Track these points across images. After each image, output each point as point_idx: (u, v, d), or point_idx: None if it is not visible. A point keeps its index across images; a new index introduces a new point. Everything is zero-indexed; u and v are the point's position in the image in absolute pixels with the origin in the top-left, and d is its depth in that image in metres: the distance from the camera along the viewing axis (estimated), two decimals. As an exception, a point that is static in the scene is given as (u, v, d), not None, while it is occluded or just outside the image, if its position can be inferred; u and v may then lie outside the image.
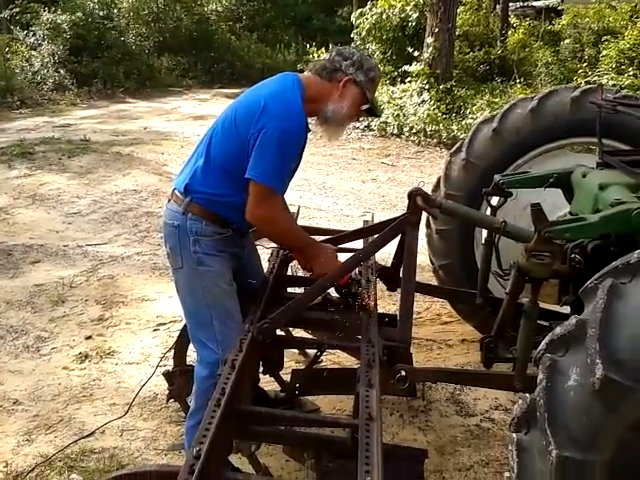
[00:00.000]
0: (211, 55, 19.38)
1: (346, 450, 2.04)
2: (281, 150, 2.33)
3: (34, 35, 16.11)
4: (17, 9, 16.72)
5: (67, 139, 9.87)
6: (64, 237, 5.93)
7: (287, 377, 3.06)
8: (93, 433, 3.05)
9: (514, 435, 1.63)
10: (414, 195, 2.49)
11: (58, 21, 16.04)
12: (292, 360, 3.60)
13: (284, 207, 2.64)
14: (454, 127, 9.88)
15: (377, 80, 2.59)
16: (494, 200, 3.04)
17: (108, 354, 3.83)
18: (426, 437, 3.10)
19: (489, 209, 3.06)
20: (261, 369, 3.06)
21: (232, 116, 2.44)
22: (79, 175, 8.00)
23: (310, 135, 2.55)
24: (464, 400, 3.40)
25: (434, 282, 3.99)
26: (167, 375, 2.93)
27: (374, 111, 2.66)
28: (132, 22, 18.77)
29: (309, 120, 2.51)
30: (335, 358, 3.72)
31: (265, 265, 3.03)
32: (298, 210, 3.73)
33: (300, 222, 6.10)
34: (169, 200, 2.56)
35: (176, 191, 2.53)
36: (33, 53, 15.77)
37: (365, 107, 2.56)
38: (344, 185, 7.74)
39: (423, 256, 4.10)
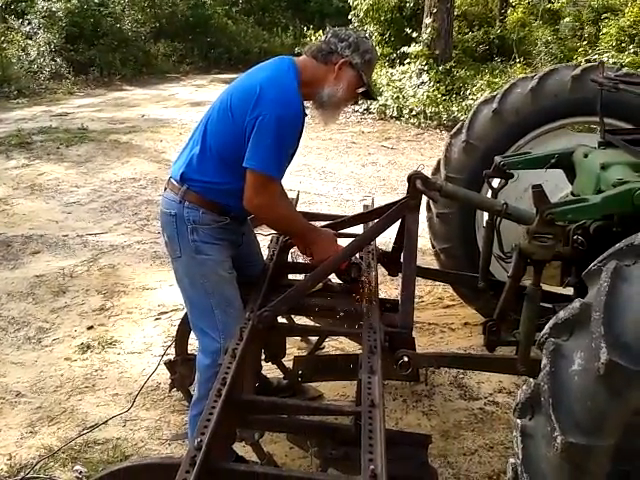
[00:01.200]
0: (208, 40, 19.20)
1: (350, 437, 2.03)
2: (278, 137, 2.29)
3: (29, 24, 15.96)
4: (11, -3, 16.62)
5: (65, 128, 9.81)
6: (64, 227, 5.90)
7: (289, 364, 3.06)
8: (96, 426, 3.03)
9: (518, 421, 1.61)
10: (413, 178, 2.45)
11: (53, 9, 15.88)
12: (294, 347, 3.59)
13: (282, 194, 2.61)
14: (454, 108, 9.81)
15: (374, 62, 2.55)
16: (495, 182, 3.01)
17: (110, 344, 3.82)
18: (430, 422, 3.09)
19: (490, 191, 3.02)
20: (263, 356, 3.06)
21: (227, 103, 2.40)
22: (77, 164, 7.95)
23: (309, 119, 2.52)
24: (468, 384, 3.39)
25: (436, 266, 3.98)
26: (169, 364, 2.92)
27: (371, 94, 2.61)
28: (127, 8, 18.55)
29: (306, 104, 2.48)
30: (338, 344, 3.71)
31: (265, 252, 3.01)
32: (297, 196, 3.70)
33: (300, 208, 6.07)
34: (165, 189, 2.53)
35: (172, 179, 2.49)
36: (29, 42, 15.62)
37: (361, 90, 2.52)
38: (344, 169, 7.70)
39: (424, 239, 4.08)
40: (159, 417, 3.14)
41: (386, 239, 3.24)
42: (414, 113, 10.12)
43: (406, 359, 2.25)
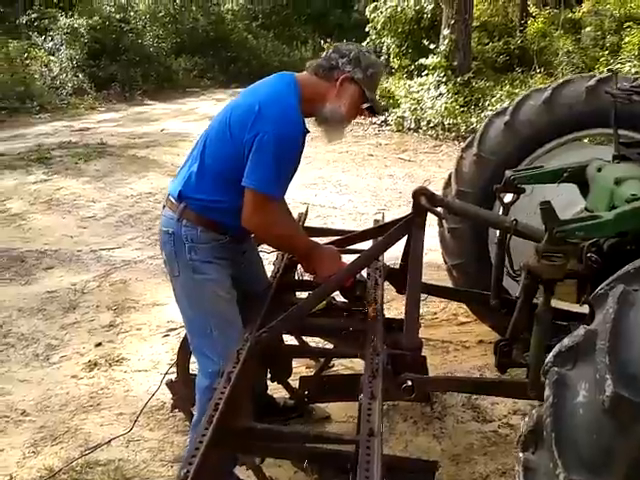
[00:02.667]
0: (228, 55, 19.37)
1: (350, 464, 1.94)
2: (278, 156, 2.24)
3: (52, 40, 16.25)
4: (35, 15, 16.91)
5: (84, 143, 9.91)
6: (78, 242, 5.91)
7: (296, 383, 2.99)
8: (98, 447, 2.98)
9: (521, 454, 1.51)
10: (418, 195, 2.38)
11: (75, 25, 16.16)
12: (303, 365, 3.51)
13: (283, 213, 2.54)
14: (473, 120, 9.71)
15: (378, 77, 2.48)
16: (507, 197, 2.92)
17: (117, 361, 3.78)
18: (441, 445, 2.98)
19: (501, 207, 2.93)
20: (268, 376, 2.99)
21: (226, 120, 2.35)
22: (95, 179, 8.00)
23: (316, 133, 2.47)
24: (481, 405, 3.27)
25: (449, 281, 3.89)
26: (170, 385, 2.86)
27: (376, 110, 2.54)
28: (149, 24, 18.84)
29: (308, 120, 2.42)
30: (348, 363, 3.60)
31: (271, 269, 2.95)
32: (306, 210, 3.64)
33: (314, 221, 6.07)
34: (164, 206, 2.49)
35: (170, 197, 2.45)
36: (52, 58, 15.89)
37: (365, 106, 2.46)
38: (360, 182, 7.63)
39: (438, 253, 3.98)
40: (163, 437, 3.07)
41: (399, 253, 3.16)
42: (432, 125, 10.05)
43: (410, 383, 2.16)
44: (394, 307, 4.16)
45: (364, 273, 2.70)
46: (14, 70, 14.43)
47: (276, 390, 3.20)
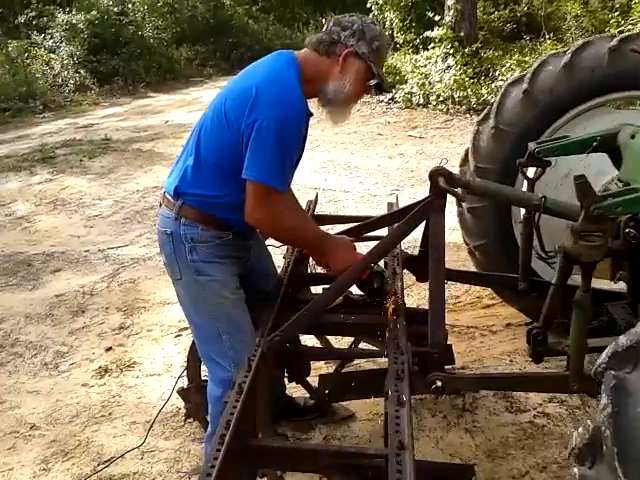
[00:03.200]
0: (229, 41, 19.07)
1: (380, 475, 1.76)
2: (280, 143, 2.03)
3: (52, 38, 16.07)
4: (33, 13, 16.72)
5: (88, 140, 9.75)
6: (85, 242, 5.76)
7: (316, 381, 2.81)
8: (112, 461, 2.83)
9: (576, 469, 1.32)
10: (436, 176, 2.16)
11: (74, 21, 15.95)
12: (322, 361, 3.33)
13: (289, 204, 2.33)
14: (483, 91, 9.41)
15: (384, 50, 2.26)
16: (530, 172, 2.70)
17: (129, 366, 3.63)
18: (474, 440, 2.79)
19: (525, 182, 2.71)
20: (286, 376, 2.81)
21: (221, 108, 2.15)
22: (100, 176, 7.84)
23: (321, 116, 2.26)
24: (514, 394, 3.08)
25: (471, 262, 3.69)
26: (182, 392, 2.70)
27: (382, 86, 2.31)
28: (148, 15, 18.55)
29: (310, 101, 2.22)
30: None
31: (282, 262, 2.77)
32: (316, 197, 3.45)
33: (325, 206, 5.87)
34: (160, 204, 2.30)
35: (167, 194, 2.26)
36: (52, 56, 15.70)
37: (373, 82, 2.24)
38: (370, 163, 7.39)
39: (458, 233, 3.76)
40: (179, 447, 2.92)
41: (417, 237, 2.95)
42: (441, 99, 9.76)
43: (439, 384, 1.97)
44: (415, 292, 3.98)
45: (381, 263, 2.49)
46: (15, 70, 14.28)
47: (295, 390, 3.04)
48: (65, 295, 4.64)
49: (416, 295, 4.00)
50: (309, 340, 3.14)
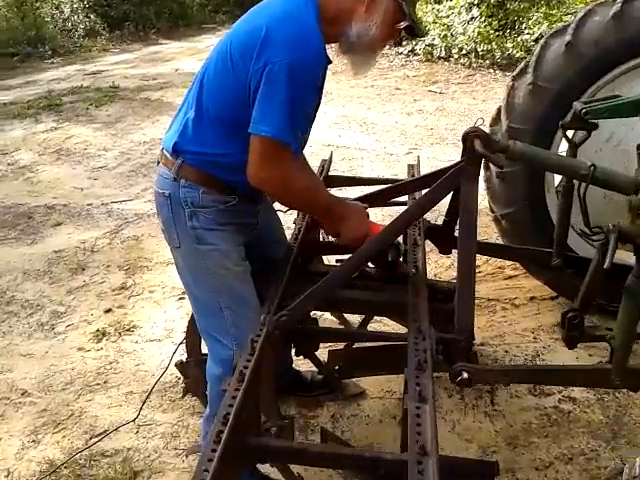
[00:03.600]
0: (244, -14, 18.42)
1: (397, 471, 1.55)
2: (293, 91, 1.75)
3: (62, -20, 15.52)
4: (42, -47, 16.12)
5: (96, 87, 9.43)
6: (88, 195, 5.53)
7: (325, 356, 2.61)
8: (105, 435, 2.65)
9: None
10: (471, 138, 1.89)
11: (84, -37, 15.37)
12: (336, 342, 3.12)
13: (298, 164, 2.07)
14: (509, 45, 8.94)
15: None
16: (573, 134, 2.41)
17: (128, 330, 3.43)
18: (494, 425, 2.59)
19: (566, 146, 2.43)
20: (293, 350, 2.59)
21: (226, 51, 1.87)
22: (106, 125, 7.56)
23: (337, 65, 1.98)
24: (537, 375, 2.86)
25: (492, 231, 3.44)
26: (180, 366, 2.50)
27: (415, 30, 2.00)
28: (160, -42, 17.88)
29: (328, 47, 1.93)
30: (383, 327, 3.21)
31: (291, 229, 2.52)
32: (330, 157, 3.18)
33: (338, 165, 5.57)
34: (158, 162, 2.05)
35: (165, 152, 2.01)
36: (62, -1, 15.21)
37: (403, 25, 1.93)
38: (387, 119, 7.05)
39: (481, 197, 3.49)
40: (177, 420, 2.73)
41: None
42: (464, 52, 9.30)
43: (466, 376, 1.74)
44: (432, 260, 3.73)
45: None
46: (24, 14, 13.85)
47: (303, 364, 2.84)
48: (65, 251, 4.43)
49: (433, 263, 3.76)
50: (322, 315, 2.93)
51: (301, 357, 2.67)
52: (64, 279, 4.07)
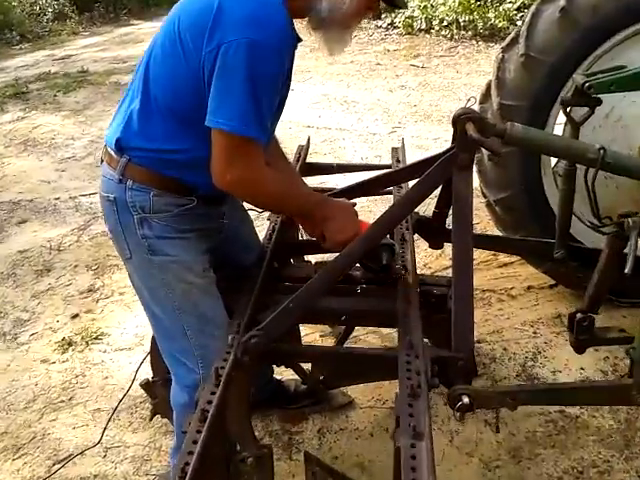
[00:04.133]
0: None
1: None
2: (253, 75, 1.49)
3: (26, -39, 14.92)
4: None
5: (64, 73, 9.03)
6: (56, 188, 5.22)
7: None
8: (68, 460, 2.41)
9: None
10: (462, 121, 1.63)
11: (49, -58, 14.77)
12: (315, 332, 2.89)
13: (272, 159, 1.81)
14: (491, 15, 8.62)
15: None
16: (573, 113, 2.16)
17: (96, 338, 3.17)
18: (496, 435, 2.36)
19: (566, 125, 2.18)
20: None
21: (174, 31, 1.59)
22: (75, 113, 7.20)
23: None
24: (540, 374, 2.65)
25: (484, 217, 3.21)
26: (146, 386, 2.24)
27: (395, 1, 1.73)
28: None
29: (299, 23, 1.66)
30: (372, 335, 2.95)
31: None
32: (307, 143, 2.92)
33: (319, 146, 5.29)
34: (102, 161, 1.77)
35: (108, 148, 1.73)
36: (28, -18, 14.62)
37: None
38: (369, 97, 6.75)
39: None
40: (148, 442, 2.49)
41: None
42: (445, 24, 8.97)
43: (467, 400, 1.50)
44: (421, 248, 3.48)
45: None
46: (-11, -2, 13.31)
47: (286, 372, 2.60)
48: (30, 251, 4.15)
49: (422, 252, 3.51)
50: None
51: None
52: (28, 282, 3.79)
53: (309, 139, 2.99)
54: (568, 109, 2.13)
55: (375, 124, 5.91)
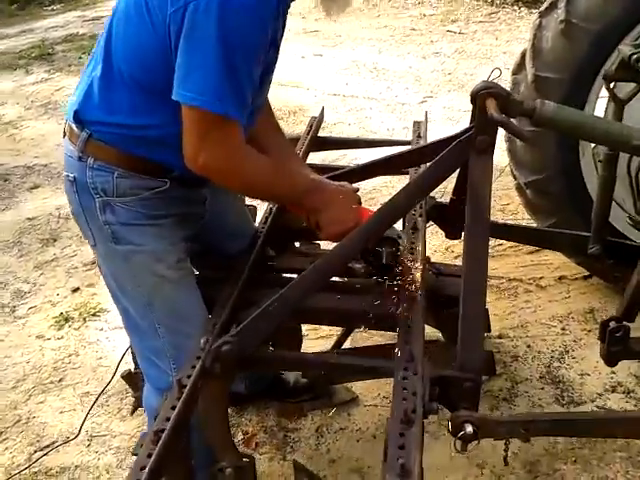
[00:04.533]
0: None
1: None
2: (228, 42, 1.25)
3: None
4: None
5: (91, 34, 8.84)
6: (72, 153, 5.07)
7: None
8: (51, 448, 2.27)
9: None
10: (482, 97, 1.37)
11: None
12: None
13: (263, 131, 1.58)
14: (536, -22, 8.11)
15: None
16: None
17: (94, 314, 3.02)
18: (510, 445, 2.13)
19: (607, 102, 1.90)
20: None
21: None
22: (98, 75, 7.03)
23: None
24: (566, 377, 2.40)
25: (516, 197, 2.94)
26: (128, 378, 2.07)
27: None
28: None
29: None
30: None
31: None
32: (321, 114, 2.67)
33: (344, 116, 5.02)
34: (64, 134, 1.56)
35: (68, 122, 1.51)
36: (61, -63, 14.41)
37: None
38: (400, 64, 6.39)
39: (498, 155, 2.95)
40: (136, 431, 2.33)
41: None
42: (487, -12, 8.49)
43: (471, 429, 1.27)
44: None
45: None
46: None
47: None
48: (38, 219, 4.02)
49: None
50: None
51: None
52: (33, 251, 3.67)
53: (323, 110, 2.73)
54: (612, 85, 1.85)
55: (405, 93, 5.58)
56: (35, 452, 2.29)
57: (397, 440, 1.20)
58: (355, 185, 1.71)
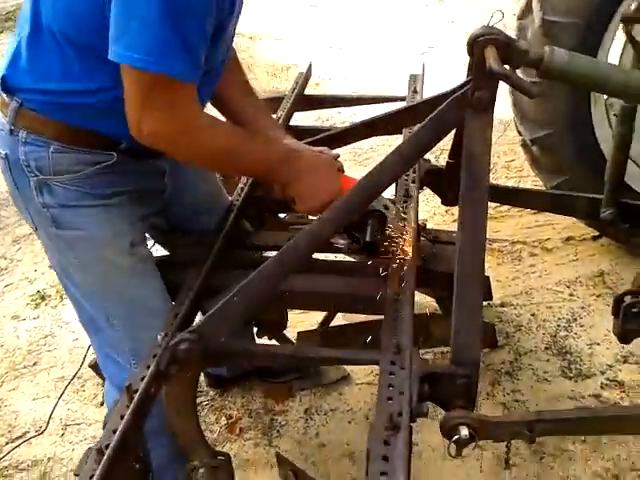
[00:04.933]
0: None
1: None
2: None
3: None
4: None
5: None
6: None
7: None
8: (24, 439, 2.13)
9: None
10: (480, 45, 1.15)
11: None
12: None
13: (229, 88, 1.37)
14: None
15: None
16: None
17: (72, 292, 2.85)
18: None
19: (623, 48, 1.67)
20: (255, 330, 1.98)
21: None
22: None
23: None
24: (573, 347, 2.24)
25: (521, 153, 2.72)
26: (96, 367, 1.91)
27: None
28: None
29: None
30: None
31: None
32: (308, 70, 2.44)
33: (335, 72, 4.75)
34: (-6, 106, 1.35)
35: (-3, 90, 1.30)
36: None
37: None
38: (400, 12, 6.06)
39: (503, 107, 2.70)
40: (113, 418, 2.18)
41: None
42: None
43: (466, 432, 1.10)
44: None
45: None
46: None
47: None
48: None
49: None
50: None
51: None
52: (11, 224, 3.47)
53: (310, 65, 2.50)
54: (630, 27, 1.63)
55: (404, 44, 5.28)
56: (6, 444, 2.14)
57: (380, 450, 1.03)
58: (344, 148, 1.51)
